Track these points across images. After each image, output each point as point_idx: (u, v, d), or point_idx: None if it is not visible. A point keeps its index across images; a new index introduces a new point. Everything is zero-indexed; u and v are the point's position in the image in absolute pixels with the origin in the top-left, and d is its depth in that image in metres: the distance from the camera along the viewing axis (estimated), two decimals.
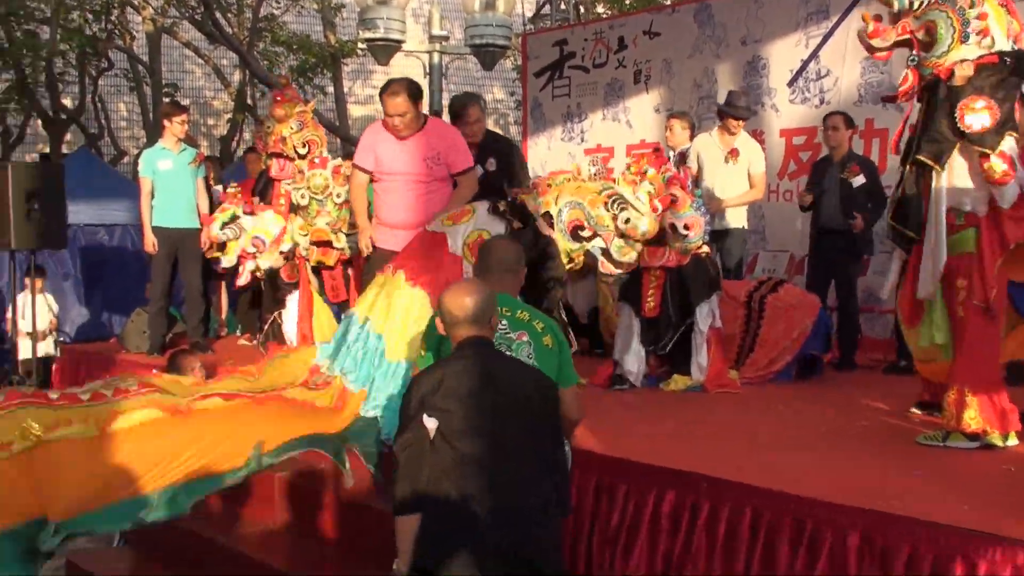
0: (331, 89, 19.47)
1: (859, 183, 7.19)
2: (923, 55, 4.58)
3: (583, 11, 17.51)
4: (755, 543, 3.77)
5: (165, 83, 18.70)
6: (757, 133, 8.81)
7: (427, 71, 13.60)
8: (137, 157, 9.01)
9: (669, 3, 10.31)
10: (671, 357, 6.38)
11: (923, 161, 4.57)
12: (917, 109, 4.78)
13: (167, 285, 8.10)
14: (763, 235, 8.96)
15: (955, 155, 4.53)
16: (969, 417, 4.49)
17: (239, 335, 8.90)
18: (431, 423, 3.29)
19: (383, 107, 5.97)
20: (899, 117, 5.63)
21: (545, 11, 16.33)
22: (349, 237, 7.19)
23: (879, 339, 7.80)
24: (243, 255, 7.62)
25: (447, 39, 14.13)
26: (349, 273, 7.49)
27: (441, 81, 13.71)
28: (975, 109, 4.43)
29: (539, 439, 3.37)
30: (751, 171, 7.90)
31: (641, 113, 10.34)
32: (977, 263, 4.52)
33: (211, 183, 8.48)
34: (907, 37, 4.57)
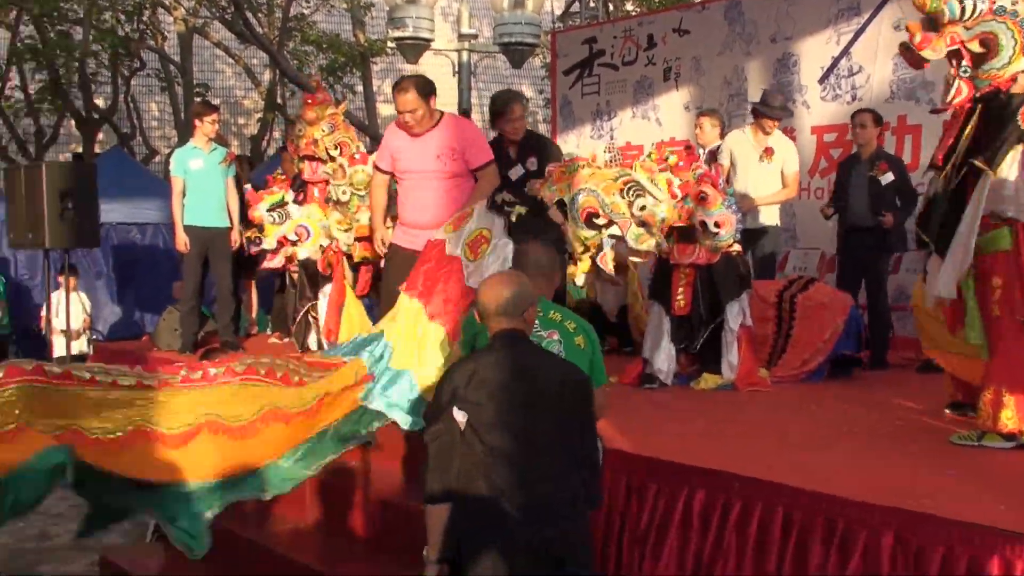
0: (360, 88, 19.53)
1: (888, 180, 7.14)
2: (980, 67, 4.43)
3: (612, 9, 17.48)
4: (787, 543, 3.75)
5: (196, 83, 18.84)
6: (788, 130, 8.74)
7: (456, 70, 13.60)
8: (168, 156, 9.07)
9: (699, 0, 10.25)
10: (701, 356, 6.36)
11: (979, 166, 4.49)
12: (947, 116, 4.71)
13: (198, 284, 8.15)
14: (794, 233, 8.91)
15: (1006, 161, 4.47)
16: (1006, 417, 4.44)
17: (269, 333, 8.94)
18: (460, 416, 3.30)
19: (395, 105, 5.97)
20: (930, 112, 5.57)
21: (574, 9, 16.35)
22: None
23: (911, 338, 7.67)
24: (282, 241, 7.64)
25: (476, 37, 14.14)
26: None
27: (470, 80, 13.72)
28: None
29: (570, 433, 3.36)
30: (785, 170, 7.85)
31: (671, 111, 10.30)
32: (1015, 265, 4.46)
33: (242, 182, 8.52)
34: (956, 48, 4.42)
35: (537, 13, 13.25)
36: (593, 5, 13.77)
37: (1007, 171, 4.47)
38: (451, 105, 15.23)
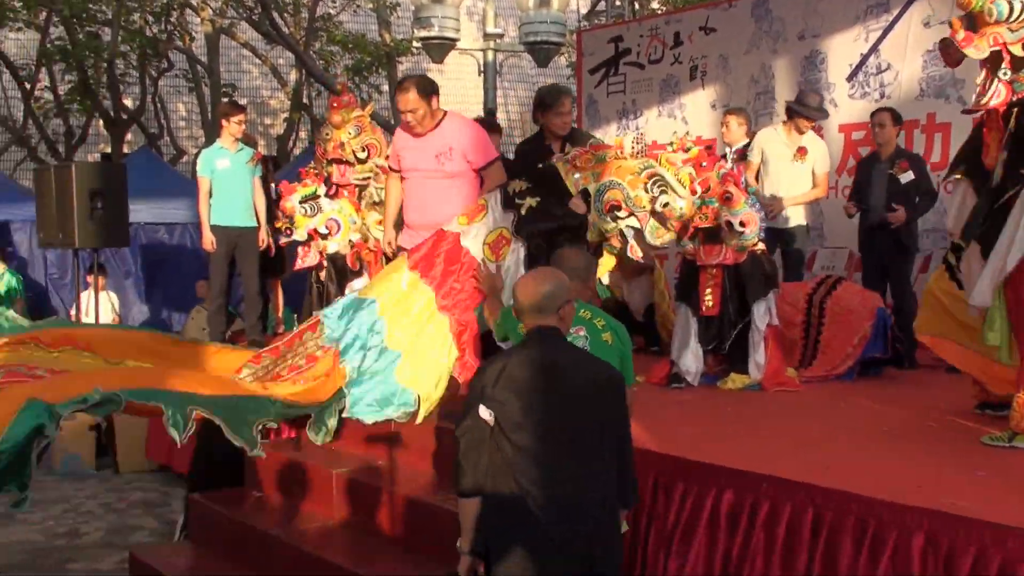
0: (386, 88, 19.55)
1: (908, 179, 7.10)
2: (1019, 71, 4.32)
3: (638, 7, 17.43)
4: (816, 543, 3.73)
5: (223, 83, 18.92)
6: (816, 128, 8.70)
7: (481, 69, 13.61)
8: (196, 156, 9.13)
9: None
10: (728, 355, 6.33)
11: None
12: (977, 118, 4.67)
13: (225, 283, 8.20)
14: (821, 231, 8.85)
15: None
16: None
17: None
18: (487, 414, 3.30)
19: (397, 104, 5.96)
20: (960, 110, 5.48)
21: (600, 8, 16.30)
22: None
23: None
24: (312, 234, 7.67)
25: (501, 37, 14.13)
26: None
27: (495, 79, 13.72)
28: None
29: (602, 431, 3.35)
30: (815, 170, 7.82)
31: (697, 109, 10.26)
32: None
33: (269, 182, 8.57)
34: (998, 49, 4.29)
35: (563, 12, 13.22)
36: (619, 4, 13.75)
37: None
38: (476, 104, 15.25)
